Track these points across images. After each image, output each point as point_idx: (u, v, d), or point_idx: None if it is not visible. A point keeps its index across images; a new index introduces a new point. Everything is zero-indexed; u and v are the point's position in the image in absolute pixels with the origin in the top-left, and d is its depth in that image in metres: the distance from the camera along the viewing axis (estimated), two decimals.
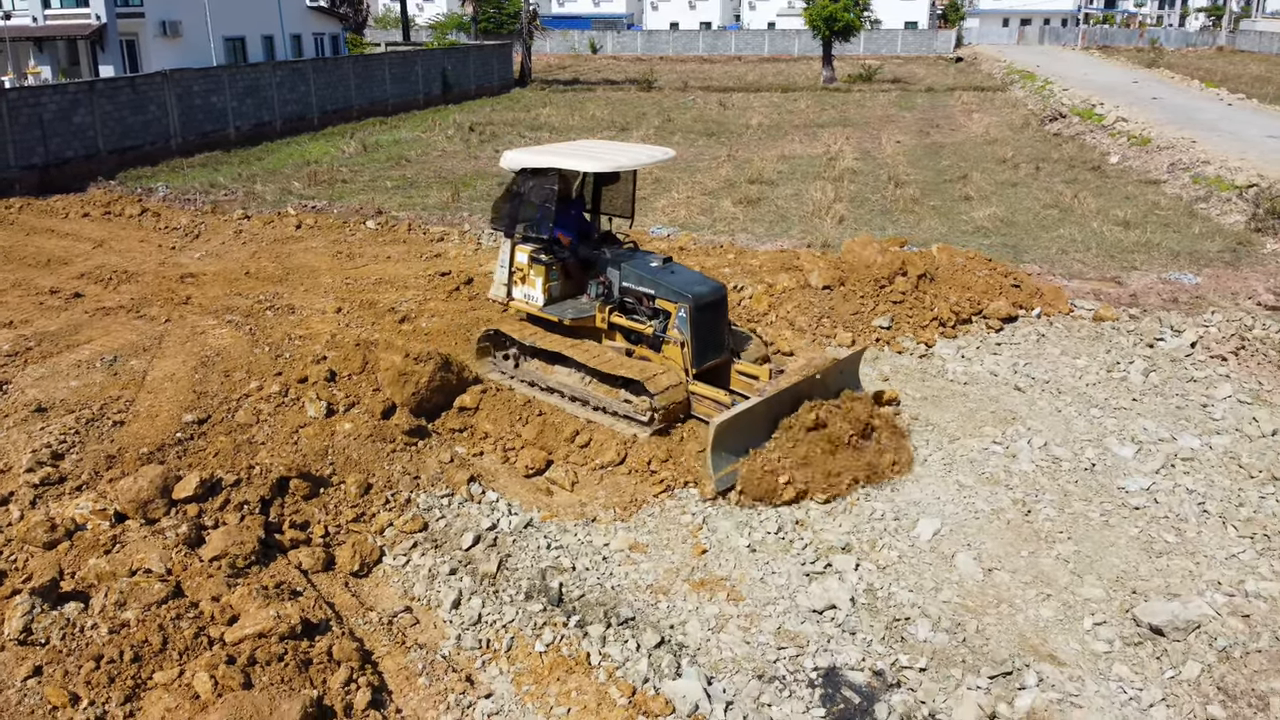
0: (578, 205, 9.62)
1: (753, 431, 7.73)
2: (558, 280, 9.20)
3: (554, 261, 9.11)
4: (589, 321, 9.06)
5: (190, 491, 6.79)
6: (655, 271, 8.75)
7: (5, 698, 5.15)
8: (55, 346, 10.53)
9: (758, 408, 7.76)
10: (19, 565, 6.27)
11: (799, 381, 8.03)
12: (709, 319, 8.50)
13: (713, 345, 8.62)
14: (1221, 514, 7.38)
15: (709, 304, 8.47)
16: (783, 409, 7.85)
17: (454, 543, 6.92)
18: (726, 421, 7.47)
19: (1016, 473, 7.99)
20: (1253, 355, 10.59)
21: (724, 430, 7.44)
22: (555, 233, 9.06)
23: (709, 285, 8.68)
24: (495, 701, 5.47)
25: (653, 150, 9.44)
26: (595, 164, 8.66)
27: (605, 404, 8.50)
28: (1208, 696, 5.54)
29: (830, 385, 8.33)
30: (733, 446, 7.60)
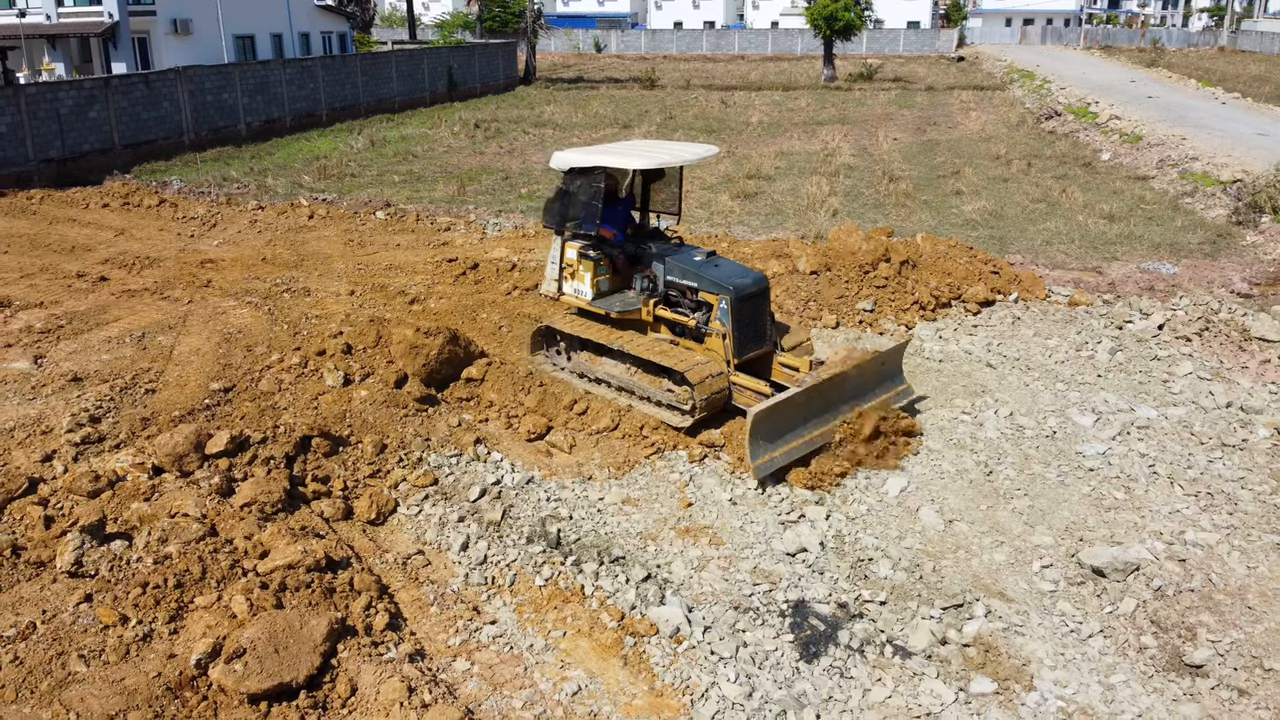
0: (626, 203, 9.93)
1: (792, 421, 7.96)
2: (606, 275, 9.49)
3: (601, 257, 9.39)
4: (635, 315, 9.29)
5: (221, 447, 7.44)
6: (698, 265, 8.92)
7: (60, 620, 5.79)
8: (85, 324, 11.18)
9: (797, 398, 7.95)
10: (66, 512, 6.91)
11: (838, 374, 8.23)
12: (750, 310, 8.67)
13: (754, 336, 8.79)
14: (1170, 475, 8.00)
15: (750, 295, 8.64)
16: (823, 399, 8.13)
17: (462, 495, 7.56)
18: (764, 411, 7.68)
19: (982, 439, 8.61)
20: (1215, 336, 11.19)
21: (761, 419, 7.63)
22: (601, 229, 9.38)
23: (751, 277, 8.84)
24: (499, 627, 6.11)
25: (697, 148, 9.70)
26: (641, 161, 8.88)
27: (650, 394, 8.83)
28: (1141, 629, 6.16)
29: (869, 379, 8.58)
30: (771, 435, 7.81)
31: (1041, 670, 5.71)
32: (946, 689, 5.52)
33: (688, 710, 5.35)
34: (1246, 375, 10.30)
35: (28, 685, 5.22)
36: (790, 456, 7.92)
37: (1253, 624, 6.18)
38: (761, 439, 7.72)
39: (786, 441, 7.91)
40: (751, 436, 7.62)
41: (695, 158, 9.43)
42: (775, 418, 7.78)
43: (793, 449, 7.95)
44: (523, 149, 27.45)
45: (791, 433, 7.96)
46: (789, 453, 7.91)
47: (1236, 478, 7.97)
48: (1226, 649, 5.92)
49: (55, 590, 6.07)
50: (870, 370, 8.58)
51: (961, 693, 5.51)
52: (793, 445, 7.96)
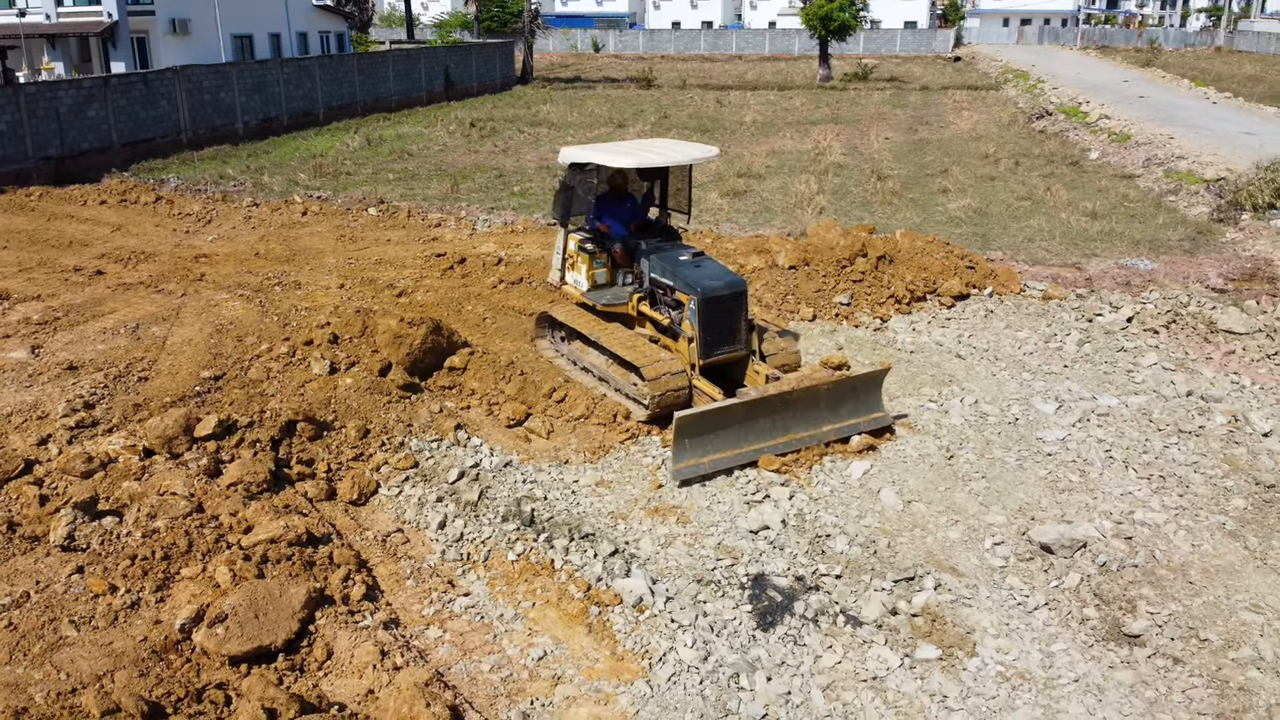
0: (631, 199, 10.12)
1: (724, 431, 7.85)
2: (603, 269, 9.72)
3: (598, 251, 9.63)
4: (622, 308, 9.50)
5: (209, 430, 7.74)
6: (678, 264, 8.91)
7: (53, 590, 6.09)
8: (81, 316, 11.48)
9: (733, 409, 7.89)
10: (60, 491, 7.21)
11: (783, 392, 8.08)
12: (719, 313, 8.58)
13: (724, 340, 8.70)
14: (1125, 460, 8.29)
15: (720, 298, 8.54)
16: (769, 414, 8.00)
17: (441, 477, 7.86)
18: (690, 416, 7.67)
19: (946, 425, 8.91)
20: (1183, 328, 11.49)
21: (686, 424, 7.62)
22: (595, 223, 9.63)
23: (725, 280, 8.71)
24: (472, 598, 6.40)
25: (695, 149, 9.66)
26: (628, 160, 9.03)
27: (620, 385, 9.03)
28: (1084, 601, 6.45)
29: (833, 401, 8.34)
30: (700, 442, 7.76)
31: (985, 638, 6.01)
32: (893, 655, 5.81)
33: (646, 673, 5.65)
34: (1210, 366, 10.59)
35: (21, 648, 5.51)
36: (718, 466, 7.86)
37: (1192, 597, 6.48)
38: (688, 444, 7.72)
39: (718, 450, 7.85)
40: (676, 439, 7.64)
41: (690, 158, 9.44)
42: (703, 425, 7.75)
43: (721, 459, 7.89)
44: (517, 148, 27.74)
45: (723, 442, 7.86)
46: (716, 462, 7.86)
47: (1190, 462, 8.27)
48: (1164, 620, 6.21)
49: (48, 563, 6.37)
50: (835, 393, 8.36)
51: (907, 658, 5.81)
52: (723, 455, 7.89)
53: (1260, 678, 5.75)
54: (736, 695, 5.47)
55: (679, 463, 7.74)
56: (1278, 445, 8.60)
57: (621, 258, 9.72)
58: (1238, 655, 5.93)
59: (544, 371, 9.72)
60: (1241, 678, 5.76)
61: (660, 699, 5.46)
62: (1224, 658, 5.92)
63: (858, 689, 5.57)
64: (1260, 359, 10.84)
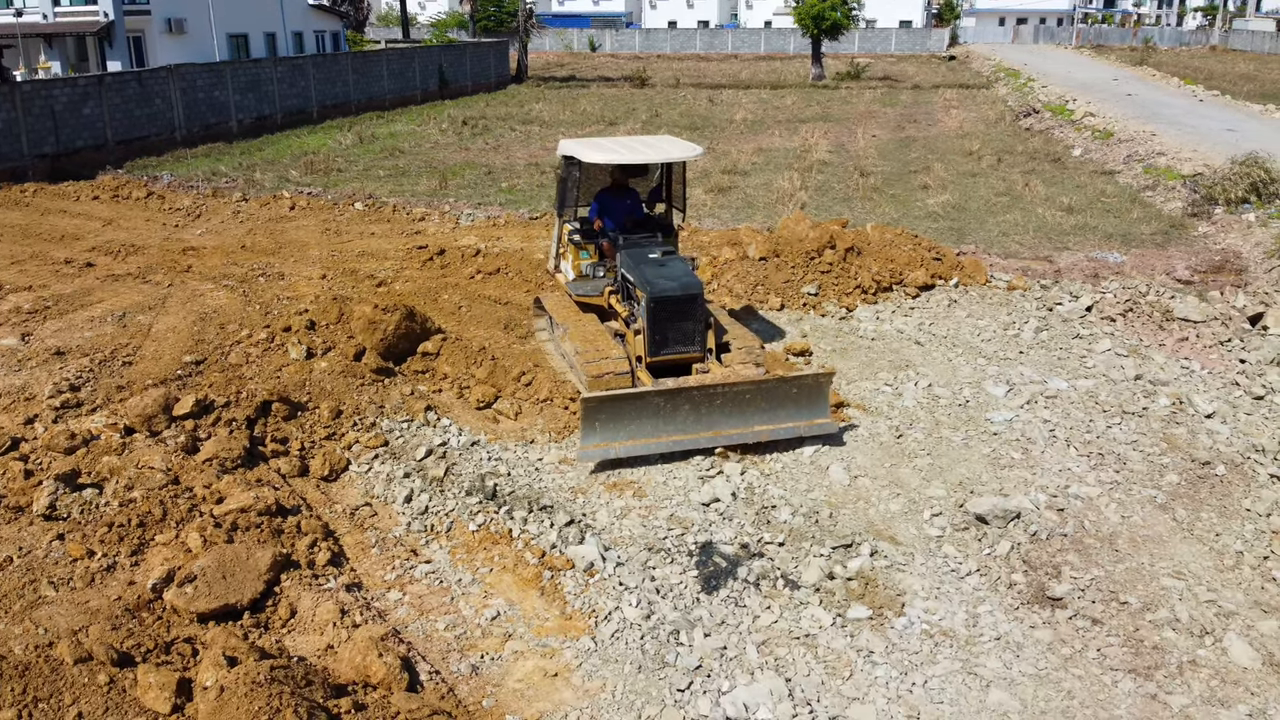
0: (633, 194, 10.36)
1: (636, 417, 7.94)
2: (589, 259, 10.00)
3: (584, 243, 9.94)
4: (597, 300, 9.75)
5: (188, 409, 8.09)
6: (642, 261, 9.04)
7: (34, 555, 6.44)
8: (70, 306, 11.83)
9: (648, 396, 8.02)
10: (44, 466, 7.55)
11: (708, 385, 8.14)
12: (669, 314, 8.63)
13: (674, 340, 8.73)
14: (1067, 439, 8.64)
15: (670, 299, 8.57)
16: (691, 406, 8.03)
17: (410, 455, 8.20)
18: (597, 399, 7.84)
19: (899, 407, 9.25)
20: (1139, 317, 11.84)
21: (592, 405, 7.79)
22: (592, 216, 10.02)
23: (680, 282, 8.71)
24: (433, 565, 6.75)
25: (680, 148, 9.74)
26: (600, 155, 9.39)
27: (578, 374, 9.18)
28: (1013, 567, 6.79)
29: (768, 401, 8.23)
30: (611, 425, 7.88)
31: (915, 601, 6.35)
32: (826, 615, 6.15)
33: (591, 630, 5.99)
34: (1163, 352, 10.94)
35: (2, 606, 5.86)
36: (631, 451, 7.96)
37: (1116, 564, 6.82)
38: (597, 426, 7.84)
39: (631, 436, 7.95)
40: (584, 420, 7.82)
41: (669, 157, 9.56)
42: (613, 409, 7.87)
43: (634, 445, 7.98)
44: (508, 145, 28.08)
45: (637, 429, 7.96)
46: (630, 448, 7.96)
47: (1130, 440, 8.62)
48: (1087, 584, 6.56)
49: (31, 531, 6.72)
50: (771, 393, 8.24)
51: (839, 618, 6.15)
52: (635, 442, 7.98)
53: (1174, 637, 6.10)
54: (675, 649, 5.82)
55: (586, 444, 7.91)
56: (1218, 425, 8.95)
57: (609, 251, 9.93)
58: (1155, 617, 6.27)
59: (514, 357, 10.07)
60: (1157, 637, 6.10)
61: (603, 653, 5.80)
62: (1141, 619, 6.26)
63: (790, 645, 5.91)
64: (1213, 345, 11.18)
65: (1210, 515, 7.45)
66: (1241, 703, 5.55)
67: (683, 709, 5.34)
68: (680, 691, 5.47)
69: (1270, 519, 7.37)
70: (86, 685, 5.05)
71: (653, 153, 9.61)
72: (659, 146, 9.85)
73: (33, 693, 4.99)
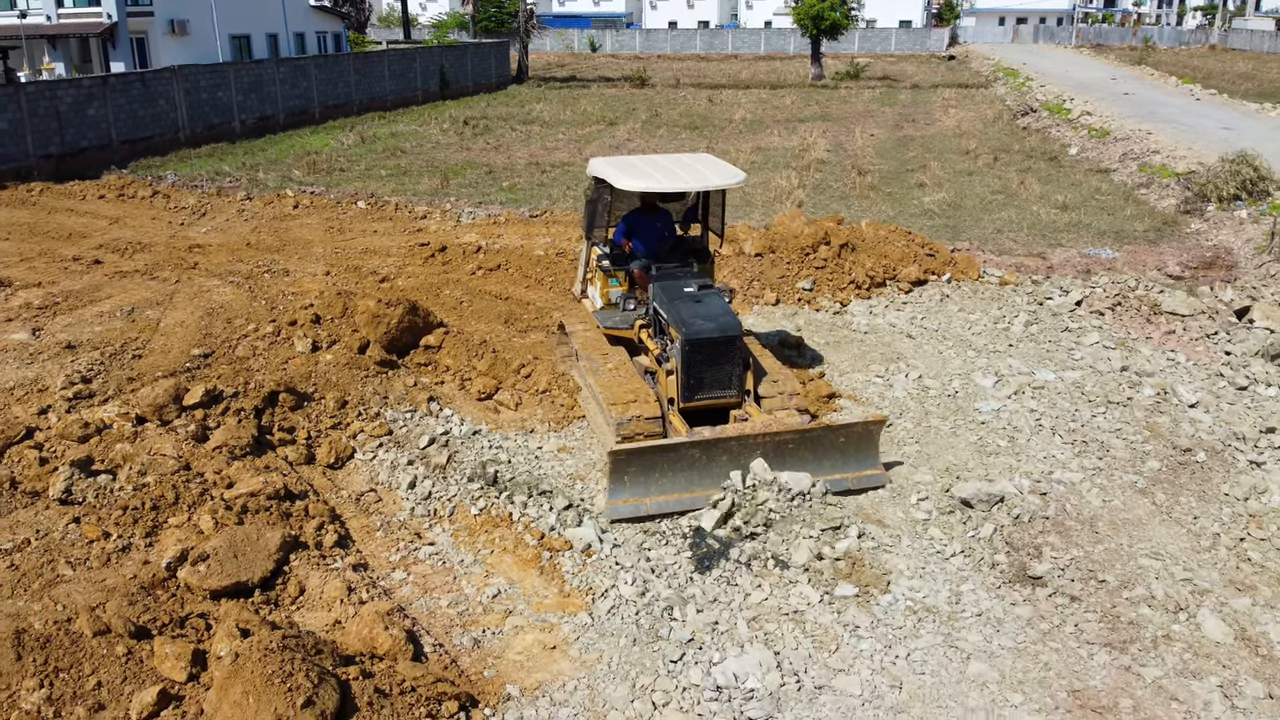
0: (665, 216, 9.59)
1: (677, 472, 7.31)
2: (618, 287, 9.27)
3: (614, 269, 9.22)
4: (627, 334, 9.05)
5: (197, 399, 8.33)
6: (678, 297, 8.32)
7: (52, 537, 6.68)
8: (80, 301, 12.08)
9: (683, 448, 7.33)
10: (58, 454, 7.80)
11: (748, 435, 7.51)
12: (705, 357, 7.92)
13: (709, 384, 8.02)
14: (1053, 427, 8.87)
15: (706, 343, 7.86)
16: (731, 458, 7.42)
17: (413, 443, 8.44)
18: (628, 451, 7.20)
19: (889, 398, 9.49)
20: (1127, 310, 12.06)
21: (623, 459, 7.16)
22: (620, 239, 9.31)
23: (718, 323, 7.96)
24: (436, 547, 6.99)
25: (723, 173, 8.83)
26: (633, 181, 8.58)
27: (606, 418, 8.22)
28: (996, 548, 7.03)
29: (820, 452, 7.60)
30: (640, 480, 7.24)
31: (900, 579, 6.59)
32: (814, 592, 6.39)
33: (588, 607, 6.24)
34: (1150, 344, 11.16)
35: (21, 585, 6.10)
36: (663, 508, 7.27)
37: (1095, 545, 7.06)
38: (625, 480, 7.21)
39: (664, 491, 7.28)
40: (611, 475, 7.18)
41: (707, 184, 8.73)
42: (641, 462, 7.23)
43: (667, 500, 7.28)
44: (508, 145, 28.31)
45: (671, 484, 7.30)
46: (661, 504, 7.27)
47: (1114, 429, 8.85)
48: (1066, 564, 6.79)
49: (47, 515, 6.96)
50: (816, 441, 7.62)
51: (827, 596, 6.38)
52: (670, 497, 7.29)
53: (1150, 614, 6.33)
54: (668, 624, 6.06)
55: (614, 499, 7.23)
56: (1201, 415, 9.18)
57: (640, 278, 9.14)
58: (1131, 594, 6.50)
59: (514, 350, 10.31)
60: (1133, 614, 6.34)
61: (599, 627, 6.04)
62: (1119, 597, 6.49)
63: (779, 621, 6.15)
64: (1199, 338, 11.40)
65: (1189, 499, 7.68)
66: (1213, 675, 5.78)
67: (675, 678, 5.58)
68: (673, 663, 5.71)
69: (1248, 503, 7.61)
70: (105, 656, 5.29)
71: (691, 179, 8.72)
72: (698, 171, 8.91)
73: (54, 664, 5.23)
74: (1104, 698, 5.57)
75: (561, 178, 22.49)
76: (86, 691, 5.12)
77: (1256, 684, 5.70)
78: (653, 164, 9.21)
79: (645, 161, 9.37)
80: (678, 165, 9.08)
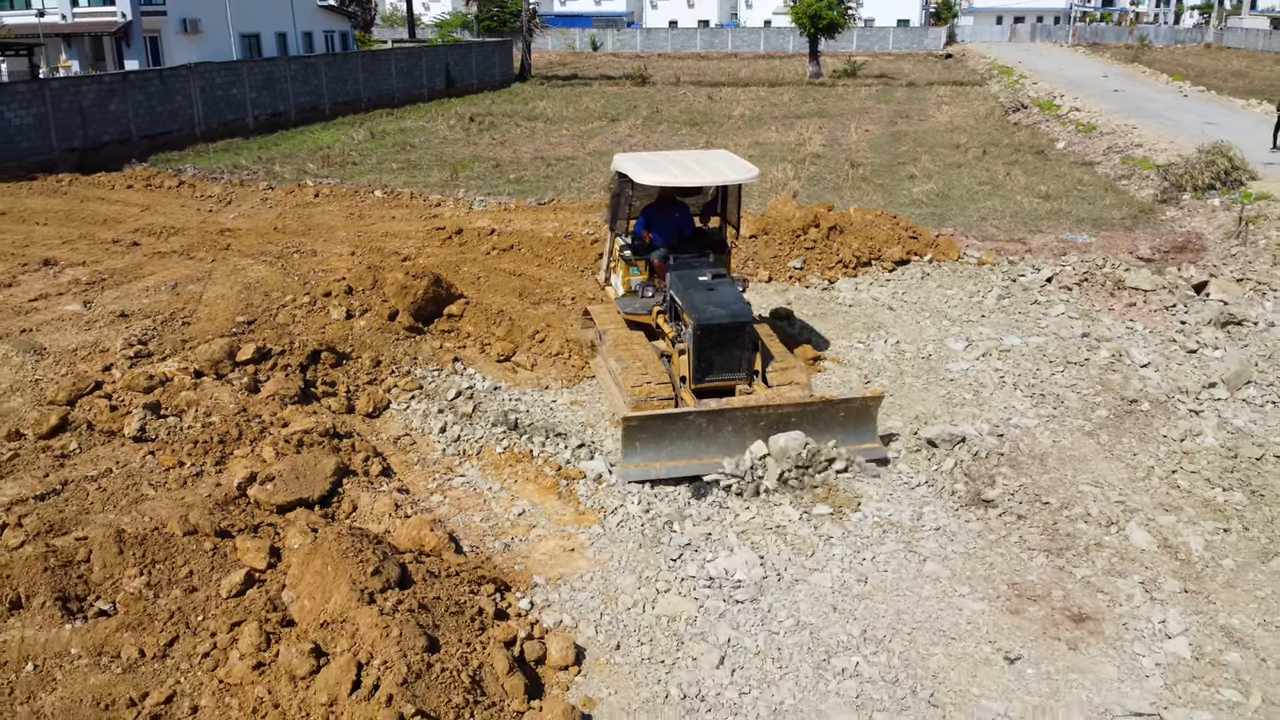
0: (683, 208, 10.03)
1: (684, 439, 7.83)
2: (639, 275, 9.81)
3: (635, 259, 9.77)
4: (646, 319, 9.56)
5: (249, 356, 9.32)
6: (692, 285, 8.81)
7: (131, 467, 7.67)
8: (125, 278, 13.07)
9: (691, 417, 7.85)
10: (127, 403, 8.78)
11: (751, 407, 7.99)
12: (715, 342, 8.40)
13: (720, 367, 8.50)
14: (1015, 383, 9.86)
15: (717, 328, 8.35)
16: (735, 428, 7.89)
17: (442, 396, 9.44)
18: (639, 419, 7.78)
19: (869, 360, 10.48)
20: (1093, 285, 13.05)
21: (635, 425, 7.71)
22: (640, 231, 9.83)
23: (729, 310, 8.44)
24: (467, 478, 7.99)
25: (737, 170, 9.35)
26: (651, 176, 9.09)
27: (622, 391, 8.81)
28: (955, 478, 8.01)
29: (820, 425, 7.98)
30: (650, 445, 7.78)
31: (869, 502, 7.58)
32: (794, 511, 7.38)
33: (601, 521, 7.24)
34: (1111, 315, 12.14)
35: (111, 502, 7.09)
36: (673, 472, 7.83)
37: (1042, 475, 8.05)
38: (636, 446, 7.77)
39: (673, 457, 7.83)
40: (625, 440, 7.74)
41: (723, 179, 9.23)
42: (653, 429, 7.79)
43: (675, 465, 7.84)
44: (514, 140, 29.30)
45: (679, 450, 7.84)
46: (670, 468, 7.83)
47: (1070, 384, 9.84)
48: (1015, 489, 7.79)
49: (125, 450, 7.95)
50: (815, 415, 8.03)
51: (806, 514, 7.37)
52: (678, 462, 7.84)
53: (1085, 528, 7.32)
54: (669, 534, 7.06)
55: (627, 463, 7.82)
56: (1150, 373, 10.16)
57: (660, 268, 9.69)
58: (1070, 513, 7.50)
59: (529, 318, 11.30)
60: (1070, 528, 7.33)
61: (610, 536, 7.05)
62: (1060, 515, 7.49)
63: (764, 533, 7.14)
64: (1158, 310, 12.39)
65: (1130, 440, 8.68)
66: (1136, 574, 6.77)
67: (674, 572, 6.58)
68: (673, 560, 6.71)
69: (1184, 443, 8.59)
70: (195, 551, 6.28)
71: (706, 174, 9.22)
72: (714, 167, 9.42)
73: (150, 557, 6.23)
74: (1039, 589, 6.56)
75: (566, 171, 23.48)
76: (180, 578, 6.11)
77: (1174, 581, 6.69)
78: (673, 160, 9.72)
79: (666, 158, 9.89)
80: (696, 161, 9.57)
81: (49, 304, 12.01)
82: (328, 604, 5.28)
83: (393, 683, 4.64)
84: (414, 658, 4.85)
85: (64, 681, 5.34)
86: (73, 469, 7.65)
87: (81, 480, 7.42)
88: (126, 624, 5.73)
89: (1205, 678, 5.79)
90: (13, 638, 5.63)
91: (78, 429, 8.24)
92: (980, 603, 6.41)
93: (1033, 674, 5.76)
